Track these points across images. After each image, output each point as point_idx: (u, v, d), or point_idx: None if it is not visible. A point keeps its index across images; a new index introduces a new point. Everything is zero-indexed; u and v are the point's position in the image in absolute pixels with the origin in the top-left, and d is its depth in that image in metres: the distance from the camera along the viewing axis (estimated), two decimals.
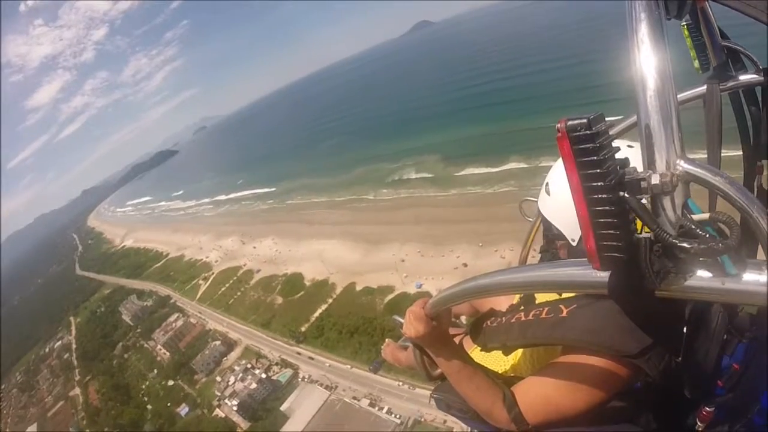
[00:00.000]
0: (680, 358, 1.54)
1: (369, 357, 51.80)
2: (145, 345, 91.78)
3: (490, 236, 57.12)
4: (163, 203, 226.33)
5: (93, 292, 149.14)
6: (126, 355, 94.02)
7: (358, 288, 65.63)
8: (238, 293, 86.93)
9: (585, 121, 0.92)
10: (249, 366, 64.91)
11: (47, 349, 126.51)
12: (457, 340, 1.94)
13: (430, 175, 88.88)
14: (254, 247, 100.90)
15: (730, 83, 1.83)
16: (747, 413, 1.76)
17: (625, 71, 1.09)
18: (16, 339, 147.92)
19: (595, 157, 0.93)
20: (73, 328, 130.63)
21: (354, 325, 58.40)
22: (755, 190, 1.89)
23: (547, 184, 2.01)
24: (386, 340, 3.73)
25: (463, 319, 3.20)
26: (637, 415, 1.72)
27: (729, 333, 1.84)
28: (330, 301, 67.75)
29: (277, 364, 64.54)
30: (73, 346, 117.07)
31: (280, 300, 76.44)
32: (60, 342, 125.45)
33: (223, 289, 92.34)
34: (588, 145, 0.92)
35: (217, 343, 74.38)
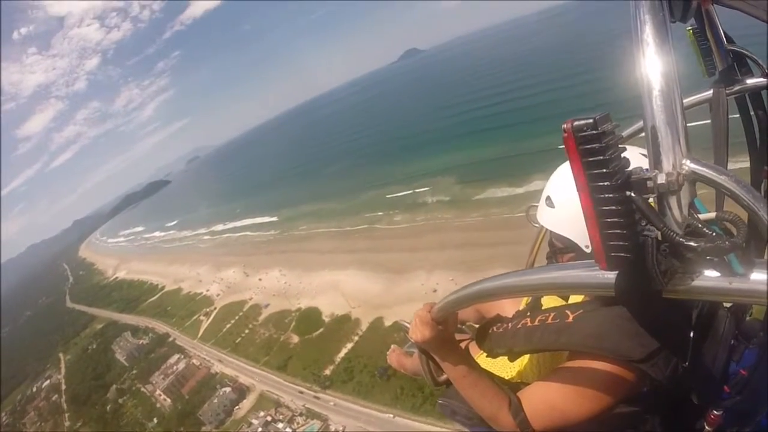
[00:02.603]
0: (687, 363, 1.51)
1: (414, 403, 44.76)
2: (143, 389, 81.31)
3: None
4: (157, 233, 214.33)
5: (84, 326, 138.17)
6: (121, 400, 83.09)
7: (387, 323, 56.54)
8: (246, 331, 77.22)
9: (591, 121, 0.91)
10: (269, 419, 55.35)
11: (35, 389, 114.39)
12: (463, 345, 1.98)
13: (447, 199, 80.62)
14: (260, 279, 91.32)
15: (736, 87, 1.83)
16: (755, 417, 1.78)
17: (630, 80, 1.08)
18: (3, 375, 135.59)
19: (601, 157, 0.92)
20: (62, 366, 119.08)
21: (389, 366, 49.14)
22: (762, 193, 1.84)
23: (548, 197, 1.94)
24: (392, 346, 3.81)
25: (470, 325, 3.12)
26: (643, 421, 1.73)
27: (736, 339, 1.83)
28: (356, 339, 59.00)
29: (301, 414, 55.05)
30: (63, 386, 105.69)
31: (295, 339, 67.17)
32: (48, 381, 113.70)
33: (228, 326, 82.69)
34: (594, 145, 0.92)
35: (227, 389, 64.33)
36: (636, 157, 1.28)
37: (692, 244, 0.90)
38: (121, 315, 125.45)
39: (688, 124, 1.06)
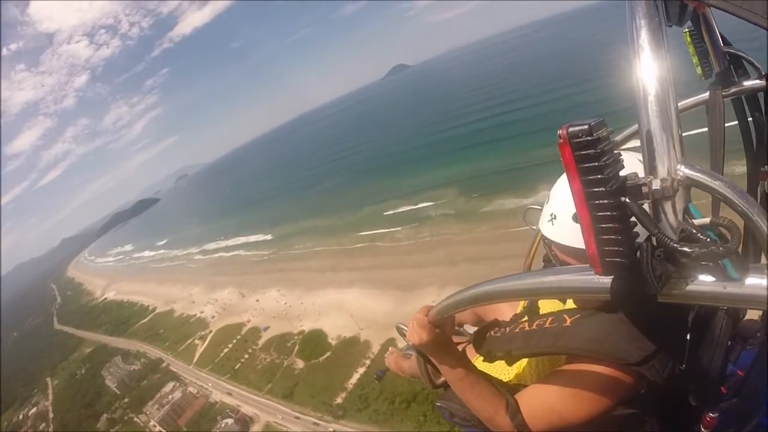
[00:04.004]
0: (684, 365, 1.55)
1: (440, 430, 39.49)
2: (136, 419, 75.31)
3: None
4: (146, 253, 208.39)
5: (72, 350, 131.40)
6: (113, 431, 77.21)
7: (401, 345, 51.72)
8: (246, 356, 71.97)
9: (586, 127, 0.92)
10: None
11: (21, 416, 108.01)
12: (460, 348, 1.97)
13: (452, 212, 76.70)
14: (257, 300, 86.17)
15: (733, 89, 1.83)
16: (751, 418, 1.79)
17: (625, 88, 1.10)
18: None
19: (596, 163, 0.92)
20: (50, 392, 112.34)
21: (410, 392, 44.48)
22: (758, 196, 1.83)
23: (553, 215, 1.81)
24: (390, 348, 3.78)
25: (467, 328, 3.07)
26: (641, 423, 1.73)
27: (733, 340, 1.87)
28: (368, 363, 54.19)
29: None
30: (50, 414, 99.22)
31: (300, 364, 62.13)
32: (35, 408, 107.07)
33: (225, 350, 77.31)
34: (589, 151, 0.92)
35: (229, 421, 58.66)
36: (634, 163, 1.29)
37: (686, 249, 0.91)
38: (110, 338, 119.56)
39: (686, 133, 1.07)
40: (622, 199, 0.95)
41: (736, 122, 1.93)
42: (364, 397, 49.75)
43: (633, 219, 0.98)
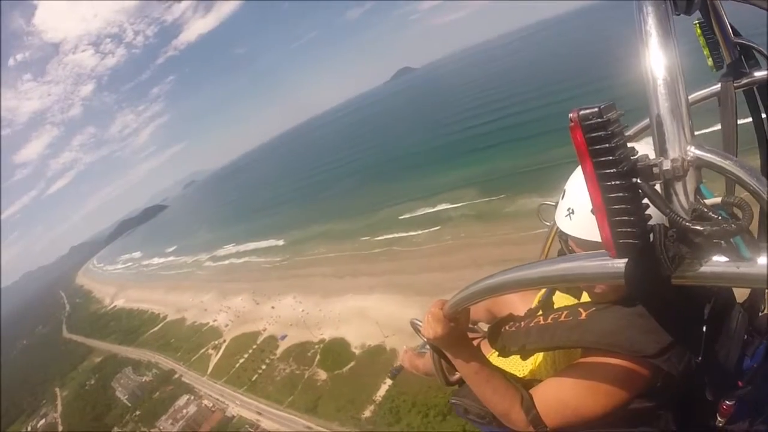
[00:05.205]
0: (700, 358, 1.50)
1: None
2: None
3: None
4: (155, 260, 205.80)
5: (82, 359, 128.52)
6: None
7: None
8: (263, 367, 68.05)
9: (596, 109, 0.93)
10: None
11: (29, 427, 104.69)
12: (475, 344, 1.98)
13: (473, 213, 73.39)
14: (272, 307, 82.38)
15: (744, 80, 1.83)
16: (766, 407, 1.78)
17: (636, 82, 1.10)
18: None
19: (607, 145, 0.93)
20: (58, 402, 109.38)
21: (444, 404, 40.92)
22: None
23: (570, 209, 1.75)
24: (404, 347, 3.64)
25: (481, 326, 3.04)
26: (657, 417, 1.72)
27: (749, 334, 1.84)
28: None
29: None
30: (59, 427, 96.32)
31: (323, 375, 58.29)
32: (44, 420, 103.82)
33: (241, 360, 73.46)
34: (600, 133, 0.92)
35: None
36: (645, 150, 1.24)
37: (698, 227, 0.91)
38: (120, 347, 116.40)
39: (698, 132, 1.08)
40: (634, 180, 0.95)
41: (749, 119, 1.92)
42: (395, 410, 46.27)
43: (645, 201, 0.97)
